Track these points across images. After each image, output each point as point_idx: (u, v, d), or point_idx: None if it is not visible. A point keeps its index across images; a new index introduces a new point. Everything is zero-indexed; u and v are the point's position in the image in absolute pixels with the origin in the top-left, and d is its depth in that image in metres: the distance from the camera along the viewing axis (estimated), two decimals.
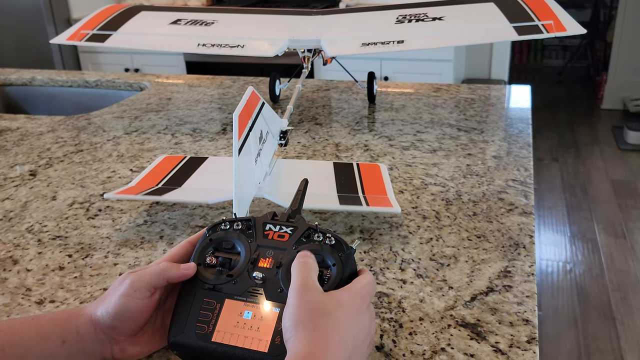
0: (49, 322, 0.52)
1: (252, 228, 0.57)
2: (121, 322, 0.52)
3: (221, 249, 0.56)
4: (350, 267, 0.53)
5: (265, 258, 0.55)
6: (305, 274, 0.49)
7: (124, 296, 0.51)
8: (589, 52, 5.20)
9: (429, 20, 1.15)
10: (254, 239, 0.56)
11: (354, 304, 0.49)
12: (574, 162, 3.43)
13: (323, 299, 0.48)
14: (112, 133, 1.21)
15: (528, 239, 0.76)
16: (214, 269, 0.55)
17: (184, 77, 1.69)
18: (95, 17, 1.29)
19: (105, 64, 3.27)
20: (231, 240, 0.56)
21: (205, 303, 0.53)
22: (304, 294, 0.48)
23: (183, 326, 0.52)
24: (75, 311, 0.54)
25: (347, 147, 1.08)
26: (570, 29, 1.05)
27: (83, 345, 0.52)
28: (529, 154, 1.03)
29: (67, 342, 0.51)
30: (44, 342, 0.51)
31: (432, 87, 1.48)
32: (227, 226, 0.57)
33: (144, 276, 0.52)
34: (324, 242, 0.54)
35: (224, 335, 0.50)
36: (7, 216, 0.87)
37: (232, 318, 0.52)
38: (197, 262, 0.55)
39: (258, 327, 0.50)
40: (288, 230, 0.56)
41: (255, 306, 0.52)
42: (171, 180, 0.85)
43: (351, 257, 0.54)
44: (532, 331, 0.59)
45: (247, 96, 0.70)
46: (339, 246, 0.54)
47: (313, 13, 1.30)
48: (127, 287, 0.52)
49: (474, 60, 3.33)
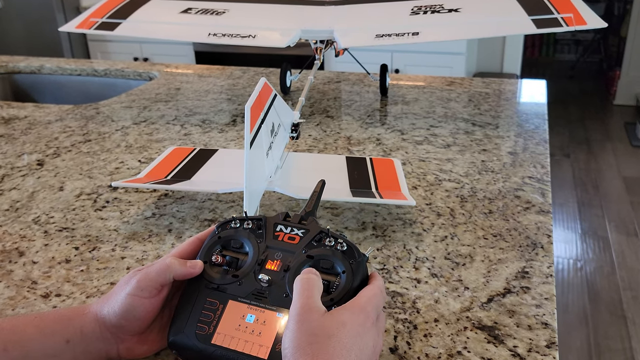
0: (53, 321, 0.51)
1: (263, 228, 0.55)
2: (128, 322, 0.50)
3: (229, 247, 0.55)
4: (360, 275, 0.51)
5: (273, 260, 0.53)
6: (308, 294, 0.47)
7: (130, 295, 0.50)
8: (602, 47, 5.14)
9: (444, 12, 1.12)
10: (264, 239, 0.54)
11: (358, 323, 0.46)
12: (585, 159, 3.40)
13: (324, 322, 0.45)
14: (121, 123, 1.20)
15: (546, 238, 0.74)
16: (220, 268, 0.53)
17: (193, 67, 1.67)
18: (104, 5, 1.27)
19: (114, 53, 3.26)
20: (240, 240, 0.55)
21: (208, 303, 0.51)
22: (305, 317, 0.45)
23: (183, 326, 0.50)
24: (80, 309, 0.53)
25: (359, 141, 1.06)
26: (590, 22, 1.02)
27: (87, 345, 0.51)
28: (546, 150, 1.01)
29: (71, 341, 0.50)
30: (47, 341, 0.49)
31: (445, 81, 1.45)
32: (237, 224, 0.56)
33: (149, 274, 0.51)
34: (335, 248, 0.52)
35: (224, 338, 0.49)
36: (14, 206, 0.85)
37: (234, 320, 0.50)
38: (204, 260, 0.54)
39: (260, 332, 0.49)
40: (299, 233, 0.54)
41: (258, 310, 0.50)
42: (180, 173, 0.84)
43: (362, 265, 0.51)
44: (552, 335, 0.57)
45: (260, 87, 0.68)
46: (350, 253, 0.52)
47: (326, 3, 1.27)
48: (134, 286, 0.50)
49: (486, 53, 3.29)
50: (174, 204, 0.84)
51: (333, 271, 0.51)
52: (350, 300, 0.48)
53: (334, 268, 0.51)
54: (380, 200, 0.74)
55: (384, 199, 0.74)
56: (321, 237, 0.53)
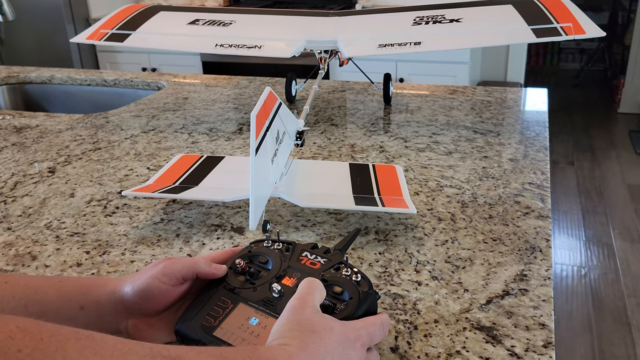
0: (73, 288, 0.55)
1: (291, 251, 0.60)
2: (142, 300, 0.53)
3: (255, 261, 0.59)
4: (366, 307, 0.53)
5: (290, 277, 0.56)
6: (308, 291, 0.50)
7: (152, 277, 0.53)
8: (606, 55, 5.15)
9: (446, 22, 1.15)
10: (288, 260, 0.58)
11: (346, 336, 0.47)
12: (589, 166, 3.40)
13: (314, 318, 0.47)
14: (130, 131, 1.22)
15: (544, 242, 0.76)
16: (242, 277, 0.57)
17: (200, 77, 1.70)
18: (114, 17, 1.30)
19: (123, 63, 3.30)
20: (267, 256, 0.59)
21: (221, 301, 0.54)
22: (298, 309, 0.48)
23: (193, 316, 0.53)
24: (101, 282, 0.56)
25: (362, 148, 1.09)
26: (589, 32, 1.05)
27: (101, 315, 0.54)
28: (546, 157, 1.03)
29: (86, 308, 0.53)
30: (64, 304, 0.53)
31: (448, 89, 1.47)
32: (269, 244, 0.60)
33: (176, 264, 0.54)
34: (350, 277, 0.55)
35: (225, 333, 0.51)
36: (27, 212, 0.88)
37: (239, 320, 0.53)
38: (229, 267, 0.58)
39: (258, 334, 0.51)
40: (321, 260, 0.58)
41: (263, 315, 0.53)
42: (188, 179, 0.86)
43: (371, 298, 0.54)
44: (549, 335, 0.59)
45: (265, 96, 0.70)
46: (363, 284, 0.55)
47: (330, 14, 1.30)
48: (159, 270, 0.54)
49: (490, 62, 3.31)
50: (182, 210, 0.86)
51: (341, 297, 0.54)
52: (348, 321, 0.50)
53: (343, 294, 0.54)
54: (382, 208, 0.76)
55: (385, 207, 0.76)
56: (339, 267, 0.57)
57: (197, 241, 0.78)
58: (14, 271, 0.72)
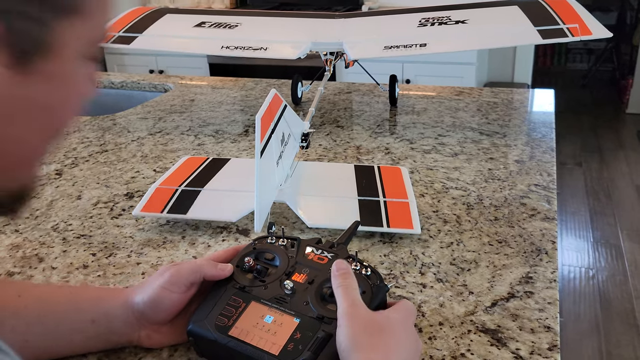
0: (84, 299, 0.56)
1: (296, 247, 0.60)
2: (153, 311, 0.54)
3: (262, 259, 0.59)
4: (379, 300, 0.54)
5: (300, 273, 0.57)
6: (351, 295, 0.51)
7: (161, 288, 0.54)
8: (614, 56, 5.12)
9: (452, 24, 1.14)
10: (295, 256, 0.59)
11: (401, 319, 0.50)
12: (597, 167, 3.38)
13: (372, 316, 0.49)
14: (137, 134, 1.23)
15: (550, 244, 0.75)
16: (250, 274, 0.57)
17: (207, 78, 1.71)
18: (121, 20, 1.31)
19: (130, 65, 3.31)
20: (273, 253, 0.59)
21: (232, 300, 0.55)
22: (353, 312, 0.49)
23: (205, 316, 0.54)
24: (112, 292, 0.57)
25: (368, 150, 1.09)
26: (595, 33, 1.04)
27: (111, 327, 0.54)
28: (552, 158, 1.02)
29: (96, 321, 0.54)
30: (76, 317, 0.54)
31: (454, 91, 1.47)
32: (272, 240, 0.60)
33: (182, 271, 0.55)
34: (360, 272, 0.56)
35: (241, 332, 0.52)
36: (34, 214, 0.88)
37: (253, 319, 0.53)
38: (235, 265, 0.58)
39: (275, 332, 0.51)
40: (328, 255, 0.59)
41: (278, 312, 0.53)
42: (194, 182, 0.86)
43: (382, 291, 0.55)
44: (554, 338, 0.59)
45: (270, 98, 0.70)
46: (374, 278, 0.55)
47: (335, 16, 1.30)
48: (166, 280, 0.54)
49: (497, 63, 3.30)
50: None
51: None
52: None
53: None
54: (387, 229, 0.76)
55: (390, 227, 0.76)
56: (348, 261, 0.57)
57: (203, 243, 0.78)
58: (21, 273, 0.73)
